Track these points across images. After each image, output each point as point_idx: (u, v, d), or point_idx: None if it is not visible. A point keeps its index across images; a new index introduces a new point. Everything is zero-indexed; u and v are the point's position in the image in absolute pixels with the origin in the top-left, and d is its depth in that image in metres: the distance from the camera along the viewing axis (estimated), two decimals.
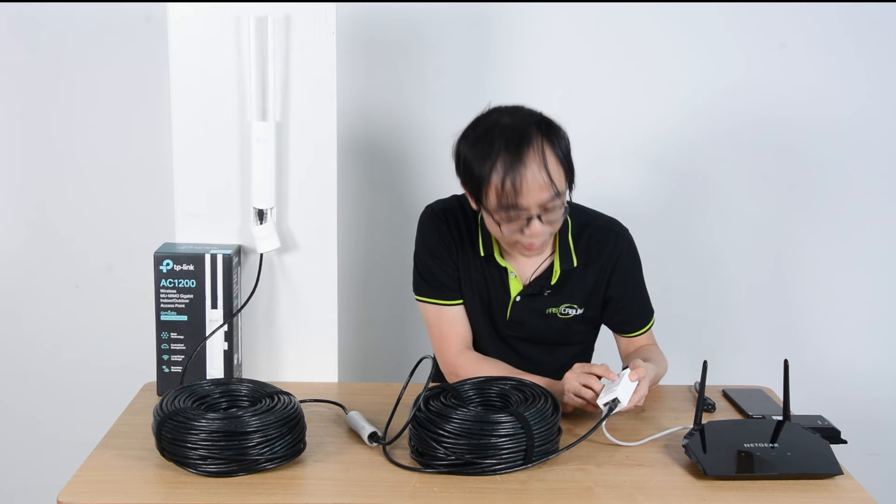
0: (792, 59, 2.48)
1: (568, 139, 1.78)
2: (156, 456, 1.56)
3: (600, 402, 1.66)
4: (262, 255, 1.94)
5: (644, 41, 2.48)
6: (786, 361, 1.62)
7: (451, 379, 1.91)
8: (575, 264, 1.89)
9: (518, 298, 1.91)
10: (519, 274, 1.91)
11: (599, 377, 1.71)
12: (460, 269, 1.93)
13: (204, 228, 1.96)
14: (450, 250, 1.93)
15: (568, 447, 1.59)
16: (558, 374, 1.78)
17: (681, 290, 2.58)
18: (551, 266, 1.90)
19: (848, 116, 2.51)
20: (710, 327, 2.62)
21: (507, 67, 2.44)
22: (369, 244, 2.58)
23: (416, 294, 1.98)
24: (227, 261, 1.86)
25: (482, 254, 1.90)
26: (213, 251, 1.87)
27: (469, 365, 1.88)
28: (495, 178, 1.71)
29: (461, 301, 1.95)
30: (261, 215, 1.92)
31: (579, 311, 1.93)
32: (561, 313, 1.92)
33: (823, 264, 2.60)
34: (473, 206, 1.83)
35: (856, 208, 2.57)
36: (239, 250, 1.95)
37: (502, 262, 1.90)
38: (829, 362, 2.63)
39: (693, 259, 2.58)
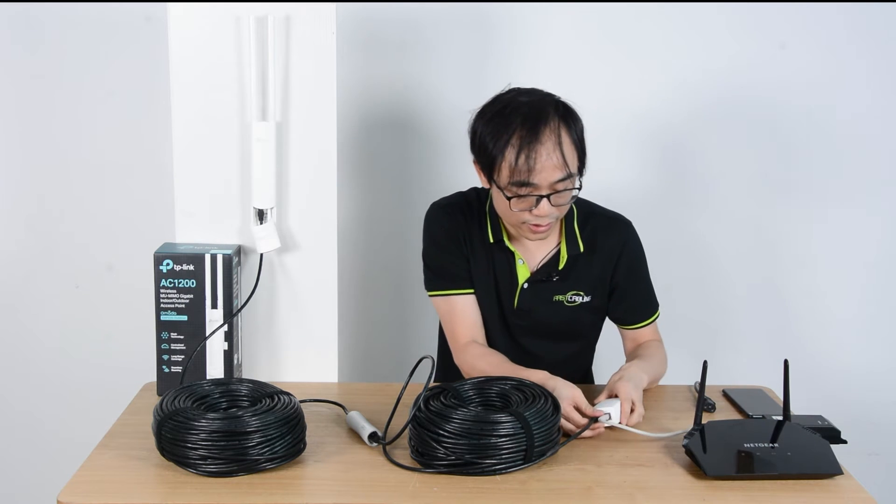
0: (792, 58, 2.48)
1: (582, 124, 1.83)
2: (156, 456, 1.56)
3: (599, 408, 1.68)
4: (262, 255, 1.94)
5: (644, 42, 2.48)
6: (786, 361, 1.62)
7: (462, 372, 1.92)
8: (581, 249, 1.92)
9: (526, 285, 1.93)
10: (527, 261, 1.94)
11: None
12: (470, 260, 1.95)
13: (204, 228, 1.96)
14: (457, 241, 1.95)
15: (564, 443, 1.60)
16: (556, 369, 1.78)
17: (681, 289, 2.58)
18: (558, 253, 1.93)
19: (848, 116, 2.51)
20: (710, 327, 2.62)
21: (507, 67, 2.44)
22: (369, 244, 2.58)
23: (428, 291, 1.98)
24: (227, 261, 1.86)
25: (491, 240, 1.92)
26: (213, 251, 1.87)
27: (472, 359, 1.89)
28: (510, 155, 1.75)
29: (472, 291, 1.96)
30: (261, 215, 1.92)
31: (586, 299, 1.94)
32: (568, 301, 1.93)
33: (823, 264, 2.60)
34: (485, 183, 1.86)
35: (856, 208, 2.57)
36: (239, 250, 1.95)
37: (511, 247, 1.92)
38: (830, 362, 2.63)
39: (693, 259, 2.58)
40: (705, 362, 1.66)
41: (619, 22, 2.46)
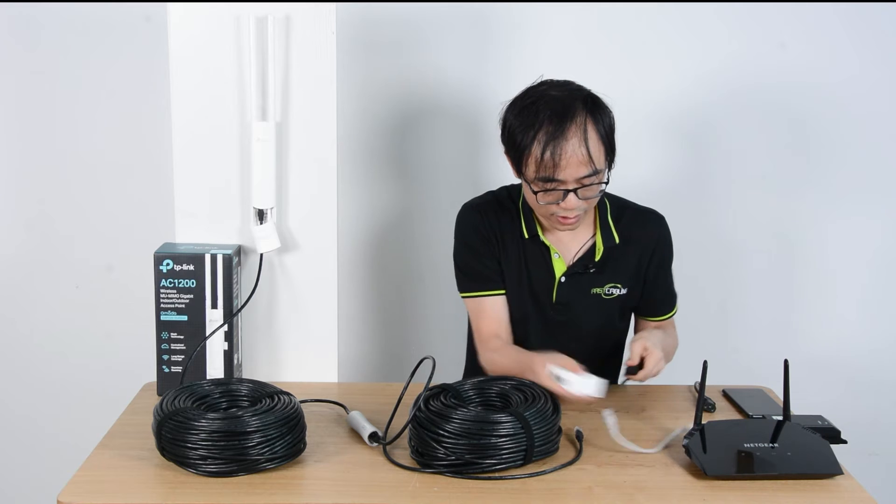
0: (792, 59, 2.48)
1: (613, 119, 1.83)
2: (156, 456, 1.56)
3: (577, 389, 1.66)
4: (262, 255, 1.94)
5: (644, 42, 2.48)
6: (786, 361, 1.62)
7: (484, 368, 1.92)
8: (617, 241, 1.93)
9: (563, 279, 1.93)
10: (563, 254, 1.94)
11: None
12: (501, 260, 1.95)
13: (204, 228, 1.96)
14: (488, 242, 1.95)
15: (569, 463, 1.59)
16: (590, 367, 1.75)
17: (681, 288, 2.57)
18: (594, 245, 1.93)
19: (850, 118, 2.51)
20: (710, 327, 2.62)
21: (507, 67, 2.44)
22: (369, 244, 2.58)
23: (460, 292, 1.99)
24: (227, 261, 1.86)
25: (526, 235, 1.93)
26: (213, 251, 1.87)
27: (490, 353, 1.91)
28: (536, 149, 1.76)
29: (502, 292, 1.96)
30: (261, 215, 1.92)
31: (623, 291, 1.95)
32: (605, 293, 1.94)
33: (824, 264, 2.59)
34: (514, 174, 1.87)
35: (858, 209, 2.56)
36: (239, 250, 1.95)
37: (546, 241, 1.93)
38: (830, 362, 2.63)
39: (691, 259, 2.58)
40: (705, 362, 1.66)
41: (618, 22, 2.46)
